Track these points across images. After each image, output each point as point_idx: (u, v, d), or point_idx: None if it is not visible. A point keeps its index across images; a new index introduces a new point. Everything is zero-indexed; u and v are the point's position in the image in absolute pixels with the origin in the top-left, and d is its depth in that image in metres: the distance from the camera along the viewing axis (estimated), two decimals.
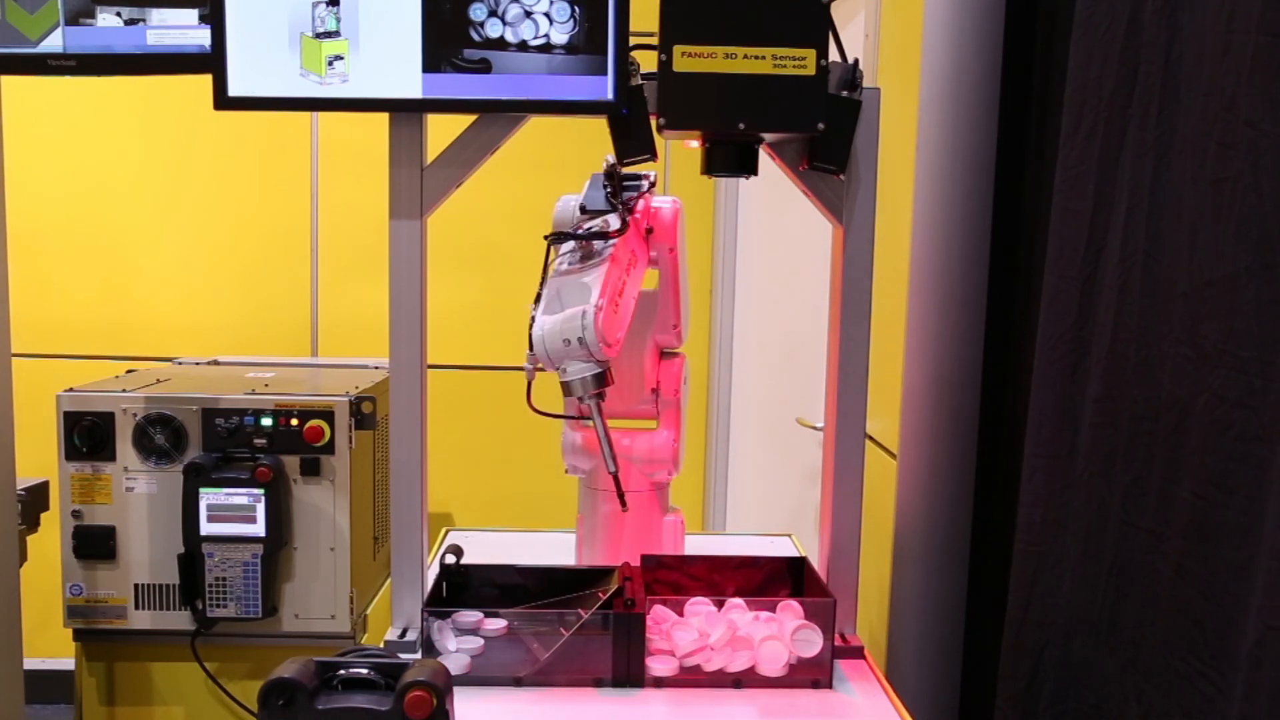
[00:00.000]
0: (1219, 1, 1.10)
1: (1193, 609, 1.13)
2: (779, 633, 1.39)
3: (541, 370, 1.40)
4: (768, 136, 1.43)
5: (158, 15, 1.56)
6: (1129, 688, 1.25)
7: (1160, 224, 1.22)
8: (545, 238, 1.48)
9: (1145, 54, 1.25)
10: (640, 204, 1.59)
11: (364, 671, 1.04)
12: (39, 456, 2.25)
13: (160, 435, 2.13)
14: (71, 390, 2.16)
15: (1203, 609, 1.11)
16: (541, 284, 1.44)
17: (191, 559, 2.09)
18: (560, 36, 1.37)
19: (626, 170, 1.50)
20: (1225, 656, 1.07)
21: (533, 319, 1.39)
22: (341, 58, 1.38)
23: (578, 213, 1.59)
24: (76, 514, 2.15)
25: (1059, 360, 1.39)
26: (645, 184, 1.60)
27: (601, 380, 1.38)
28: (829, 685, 1.39)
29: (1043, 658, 1.43)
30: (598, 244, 1.48)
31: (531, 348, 1.38)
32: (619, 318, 1.41)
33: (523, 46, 1.37)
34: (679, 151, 1.71)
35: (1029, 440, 1.45)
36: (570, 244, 1.50)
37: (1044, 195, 1.53)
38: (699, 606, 1.43)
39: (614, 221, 1.51)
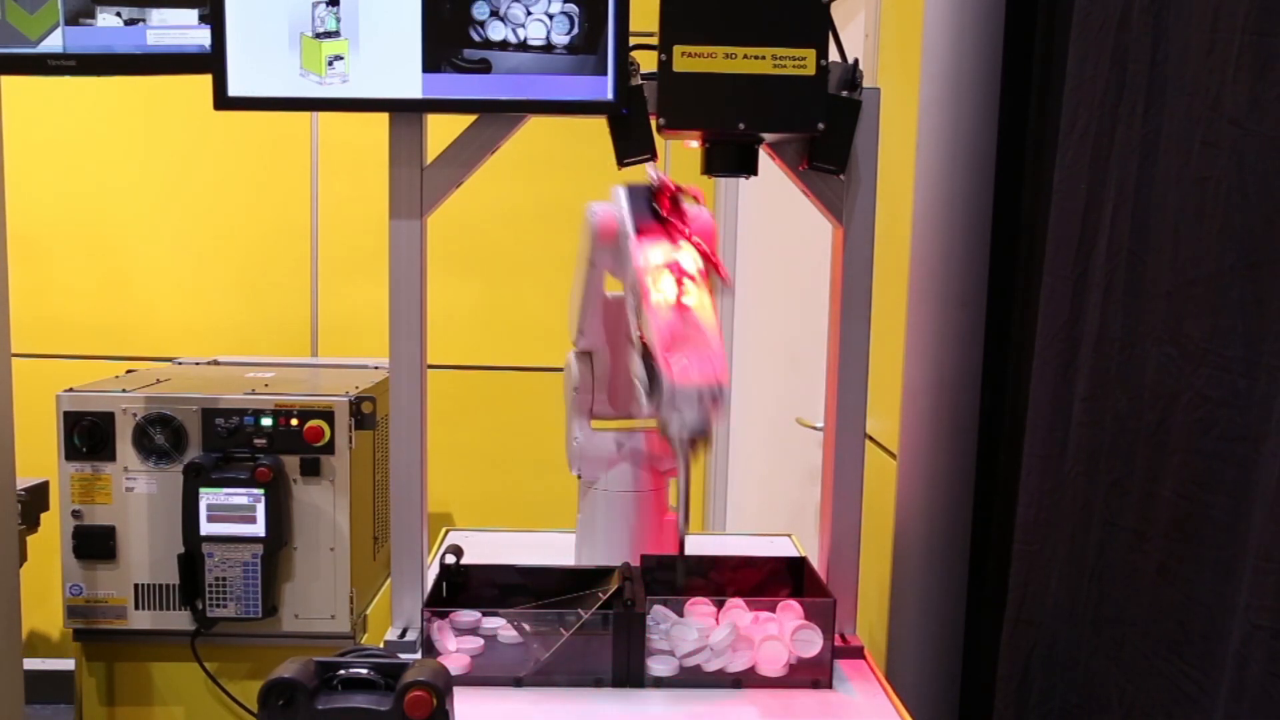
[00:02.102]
0: (1204, 1, 1.11)
1: (1175, 608, 1.13)
2: (779, 633, 1.39)
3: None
4: (768, 136, 1.43)
5: (158, 15, 1.56)
6: (1111, 686, 1.25)
7: (1145, 223, 1.22)
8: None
9: (1133, 53, 1.25)
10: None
11: (364, 671, 1.04)
12: (39, 456, 2.25)
13: (160, 435, 2.13)
14: (71, 390, 2.16)
15: (1185, 608, 1.11)
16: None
17: (191, 559, 2.09)
18: (560, 37, 1.37)
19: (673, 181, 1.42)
20: (1209, 656, 1.07)
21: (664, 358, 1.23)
22: (341, 58, 1.38)
23: (629, 232, 1.42)
24: (76, 514, 2.15)
25: (1053, 360, 1.40)
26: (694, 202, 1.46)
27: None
28: (829, 685, 1.39)
29: (1033, 657, 1.43)
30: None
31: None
32: None
33: (523, 46, 1.37)
34: (679, 151, 1.71)
35: (1027, 440, 1.45)
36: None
37: (1043, 195, 1.53)
38: (699, 606, 1.43)
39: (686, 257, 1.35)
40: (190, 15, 1.55)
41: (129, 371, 2.48)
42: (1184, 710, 1.10)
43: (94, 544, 2.14)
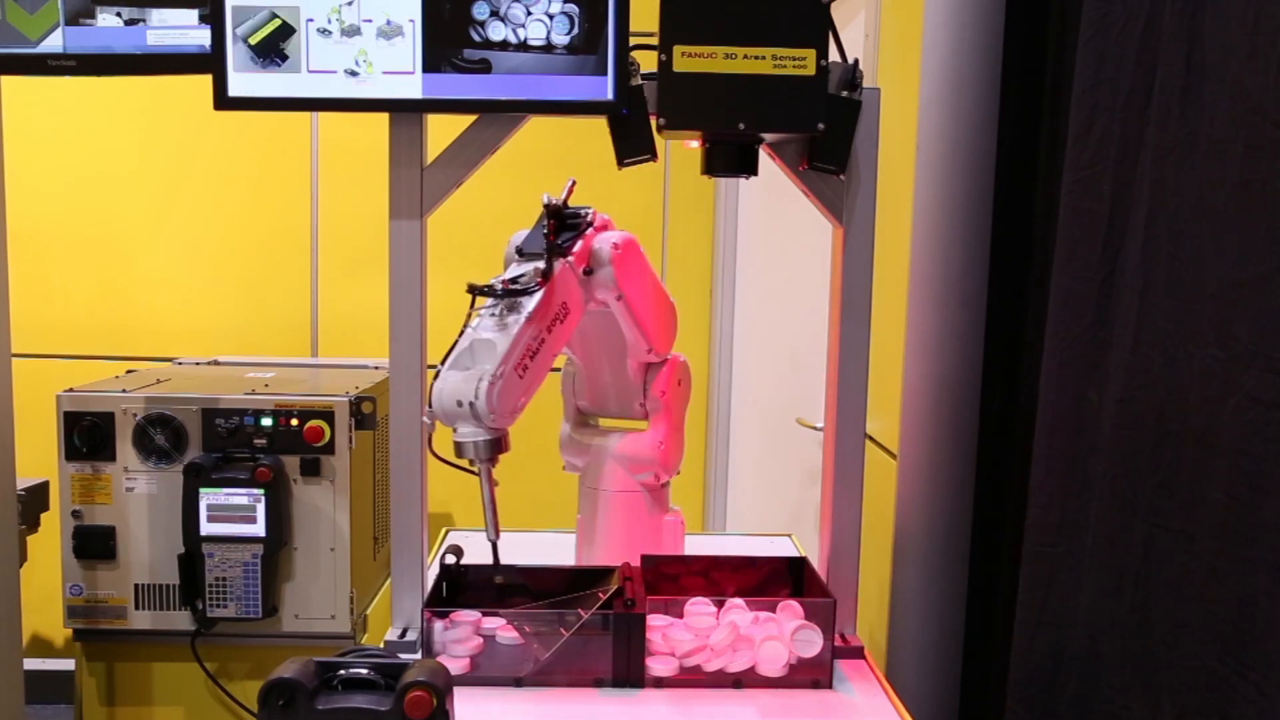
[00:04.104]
0: (1244, 4, 1.10)
1: (1229, 611, 1.12)
2: (779, 633, 1.39)
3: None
4: (768, 136, 1.43)
5: (158, 15, 1.56)
6: (1162, 688, 1.24)
7: (1183, 226, 1.21)
8: (468, 288, 1.37)
9: (1164, 55, 1.24)
10: (579, 245, 1.46)
11: (364, 671, 1.04)
12: (39, 456, 2.25)
13: (160, 435, 2.13)
14: (71, 390, 2.16)
15: (1241, 610, 1.10)
16: (461, 333, 1.35)
17: (191, 559, 2.09)
18: (560, 37, 1.37)
19: (571, 206, 1.44)
20: (1268, 657, 1.06)
21: (438, 371, 1.32)
22: None
23: (515, 255, 1.47)
24: (76, 514, 2.15)
25: (1073, 361, 1.38)
26: (583, 224, 1.48)
27: (495, 447, 1.33)
28: (829, 685, 1.39)
29: (1062, 659, 1.42)
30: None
31: (430, 401, 1.31)
32: (524, 383, 1.34)
33: (523, 47, 1.37)
34: (679, 151, 1.71)
35: (1039, 441, 1.44)
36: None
37: (1047, 195, 1.53)
38: (699, 606, 1.43)
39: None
40: (190, 15, 1.55)
41: (129, 371, 2.48)
42: (1243, 713, 1.10)
43: (94, 544, 2.14)
